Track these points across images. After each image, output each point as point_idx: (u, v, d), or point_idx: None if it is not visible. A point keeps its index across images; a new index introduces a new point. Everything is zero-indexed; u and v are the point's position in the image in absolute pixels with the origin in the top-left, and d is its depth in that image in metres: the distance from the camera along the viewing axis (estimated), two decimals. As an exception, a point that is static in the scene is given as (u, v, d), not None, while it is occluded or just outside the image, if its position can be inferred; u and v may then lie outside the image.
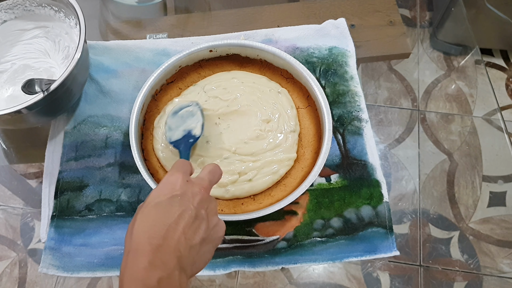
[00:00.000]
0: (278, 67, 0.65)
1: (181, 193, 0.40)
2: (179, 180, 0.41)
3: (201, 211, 0.40)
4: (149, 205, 0.39)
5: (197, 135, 0.57)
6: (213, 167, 0.46)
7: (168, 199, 0.39)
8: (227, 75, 0.64)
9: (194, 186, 0.41)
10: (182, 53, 0.62)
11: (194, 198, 0.40)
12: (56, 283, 1.05)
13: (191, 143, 0.56)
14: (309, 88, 0.62)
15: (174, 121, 0.58)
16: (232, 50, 0.65)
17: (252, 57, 0.65)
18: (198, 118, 0.58)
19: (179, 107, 0.59)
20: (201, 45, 0.63)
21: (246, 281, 1.03)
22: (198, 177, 0.43)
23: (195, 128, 0.57)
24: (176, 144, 0.56)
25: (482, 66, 1.17)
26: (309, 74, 0.61)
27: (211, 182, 0.44)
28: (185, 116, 0.58)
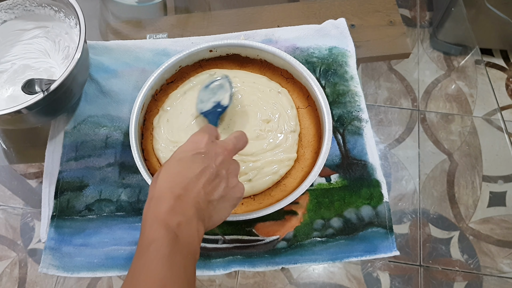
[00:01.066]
0: (278, 67, 0.65)
1: (205, 152, 0.42)
2: (205, 139, 0.43)
3: (222, 170, 0.42)
4: (173, 159, 0.42)
5: (225, 105, 0.58)
6: (239, 134, 0.47)
7: (192, 155, 0.42)
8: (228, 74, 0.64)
9: (217, 147, 0.44)
10: (182, 53, 0.62)
11: (216, 157, 0.42)
12: (56, 283, 1.05)
13: (219, 112, 0.58)
14: (309, 88, 0.62)
15: (206, 94, 0.60)
16: (232, 50, 0.65)
17: (252, 57, 0.65)
18: (227, 89, 0.59)
19: (210, 81, 0.60)
20: (201, 45, 0.63)
21: (246, 281, 1.03)
22: (223, 140, 0.45)
23: (223, 99, 0.58)
24: (206, 114, 0.58)
25: (482, 66, 1.17)
26: (309, 74, 0.61)
27: (235, 146, 0.46)
28: (215, 89, 0.59)
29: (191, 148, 0.43)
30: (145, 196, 0.59)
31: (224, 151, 0.44)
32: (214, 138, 0.46)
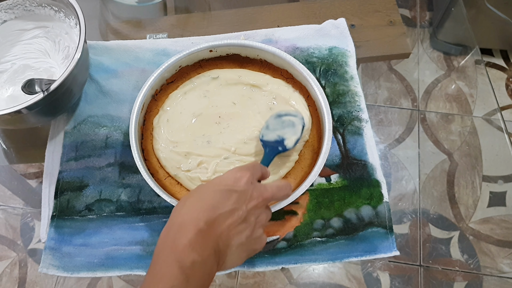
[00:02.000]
0: (278, 67, 0.65)
1: (241, 191, 0.40)
2: (245, 178, 0.41)
3: (251, 217, 0.40)
4: (208, 189, 0.41)
5: (288, 147, 0.55)
6: (283, 184, 0.45)
7: (227, 190, 0.40)
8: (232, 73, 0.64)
9: (255, 190, 0.42)
10: (182, 53, 0.62)
11: (250, 201, 0.41)
12: (56, 283, 1.05)
13: (278, 151, 0.55)
14: (309, 88, 0.62)
15: (275, 122, 0.57)
16: (232, 50, 0.65)
17: (252, 57, 0.65)
18: (296, 131, 0.56)
19: (286, 112, 0.58)
20: (201, 45, 0.63)
21: (246, 281, 1.03)
22: (264, 185, 0.43)
23: (289, 139, 0.56)
24: (265, 144, 0.56)
25: (482, 66, 1.17)
26: (309, 74, 0.61)
27: (273, 195, 0.43)
28: (286, 123, 0.57)
29: (229, 182, 0.41)
30: (145, 196, 0.59)
31: (259, 197, 0.42)
32: (256, 178, 0.43)
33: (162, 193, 0.54)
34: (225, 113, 0.61)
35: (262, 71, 0.65)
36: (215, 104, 0.62)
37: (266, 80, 0.64)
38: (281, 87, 0.63)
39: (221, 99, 0.63)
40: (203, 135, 0.60)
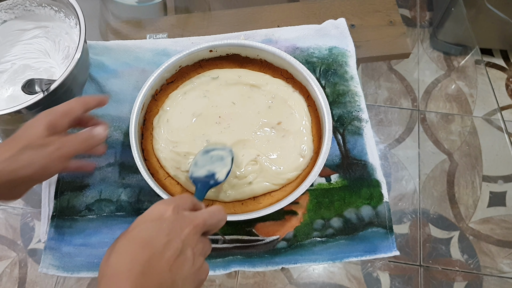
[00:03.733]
0: (278, 67, 0.65)
1: (169, 222, 0.37)
2: (169, 209, 0.37)
3: (187, 248, 0.36)
4: (134, 229, 0.36)
5: (219, 181, 0.54)
6: (215, 209, 0.41)
7: (155, 225, 0.36)
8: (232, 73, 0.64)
9: (184, 218, 0.38)
10: (182, 53, 0.62)
11: (182, 230, 0.37)
12: (56, 283, 1.05)
13: (210, 185, 0.53)
14: (309, 88, 0.62)
15: (203, 159, 0.56)
16: (232, 50, 0.65)
17: (252, 57, 0.65)
18: (226, 164, 0.55)
19: (213, 147, 0.57)
20: (201, 45, 0.63)
21: (246, 281, 1.03)
22: (192, 214, 0.39)
23: (219, 172, 0.54)
24: (195, 180, 0.54)
25: (482, 66, 1.17)
26: (309, 74, 0.61)
27: (206, 222, 0.39)
28: (214, 158, 0.56)
29: (155, 216, 0.37)
30: (145, 196, 0.59)
31: (190, 225, 0.37)
32: (181, 209, 0.39)
33: (162, 193, 0.54)
34: (225, 113, 0.61)
35: (262, 71, 0.65)
36: (215, 104, 0.62)
37: (265, 80, 0.64)
38: (281, 87, 0.63)
39: (221, 99, 0.63)
40: (203, 135, 0.60)
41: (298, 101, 0.62)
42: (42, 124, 0.43)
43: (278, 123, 0.61)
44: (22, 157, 0.41)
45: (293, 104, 0.62)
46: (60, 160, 0.44)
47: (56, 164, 0.43)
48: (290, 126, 0.61)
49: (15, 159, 0.41)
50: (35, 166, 0.42)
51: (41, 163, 0.42)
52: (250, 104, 0.62)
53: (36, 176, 0.43)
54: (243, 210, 0.57)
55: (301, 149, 0.59)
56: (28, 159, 0.41)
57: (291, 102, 0.62)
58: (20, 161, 0.41)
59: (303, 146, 0.59)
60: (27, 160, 0.41)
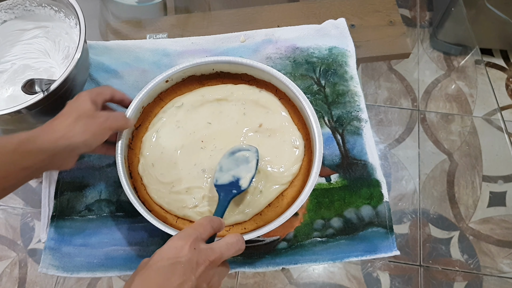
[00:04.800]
0: (237, 73, 0.63)
1: (185, 261, 0.38)
2: (187, 246, 0.39)
3: (202, 284, 0.38)
4: (149, 268, 0.38)
5: (243, 188, 0.53)
6: (234, 241, 0.43)
7: (170, 264, 0.38)
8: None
9: (200, 255, 0.39)
10: (141, 93, 0.58)
11: (198, 268, 0.38)
12: (56, 283, 1.05)
13: (233, 194, 0.52)
14: (275, 82, 0.61)
15: (228, 162, 0.55)
16: (187, 73, 0.61)
17: (207, 73, 0.63)
18: (250, 169, 0.54)
19: (238, 148, 0.56)
20: (156, 79, 0.59)
21: (246, 281, 1.03)
22: (210, 247, 0.41)
23: (243, 178, 0.53)
24: (220, 189, 0.53)
25: (482, 66, 1.17)
26: (268, 68, 0.59)
27: (222, 255, 0.41)
28: (239, 160, 0.55)
29: (171, 255, 0.38)
30: (145, 196, 0.59)
31: (206, 261, 0.39)
32: (198, 242, 0.40)
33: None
34: (206, 135, 0.60)
35: (222, 83, 0.64)
36: (191, 131, 0.60)
37: (229, 90, 0.62)
38: (246, 91, 0.62)
39: (195, 124, 0.60)
40: (195, 165, 0.58)
41: (269, 98, 0.61)
42: (88, 100, 0.50)
43: (260, 126, 0.60)
44: (78, 124, 0.47)
45: (264, 102, 0.61)
46: (105, 130, 0.50)
47: (103, 133, 0.49)
48: (271, 124, 0.60)
49: (73, 126, 0.47)
50: (88, 133, 0.48)
51: (93, 130, 0.48)
52: (225, 118, 0.61)
53: (88, 142, 0.48)
54: (264, 220, 0.56)
55: (292, 141, 0.59)
56: (83, 126, 0.47)
57: (262, 102, 0.61)
58: (77, 128, 0.47)
59: (292, 138, 0.59)
60: (82, 127, 0.47)
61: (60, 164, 0.48)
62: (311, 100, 0.64)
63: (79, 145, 0.47)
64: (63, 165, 0.49)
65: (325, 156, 0.61)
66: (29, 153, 0.44)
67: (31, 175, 0.46)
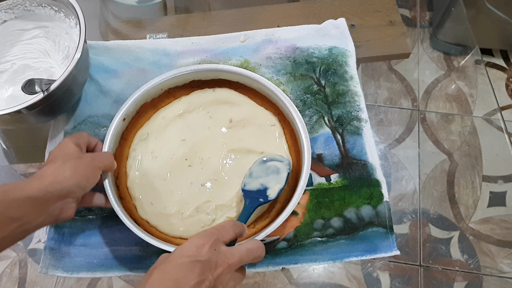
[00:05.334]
0: (177, 86, 0.63)
1: (205, 260, 0.39)
2: (207, 245, 0.40)
3: (219, 286, 0.39)
4: (169, 263, 0.39)
5: (270, 198, 0.53)
6: (255, 247, 0.43)
7: (190, 261, 0.38)
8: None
9: (220, 257, 0.40)
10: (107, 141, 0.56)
11: (216, 269, 0.39)
12: (56, 283, 1.05)
13: (259, 203, 0.52)
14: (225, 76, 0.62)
15: (258, 169, 0.55)
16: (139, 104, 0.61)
17: (156, 95, 0.63)
18: (280, 180, 0.54)
19: (271, 157, 0.56)
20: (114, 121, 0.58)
21: (246, 281, 1.03)
22: (230, 250, 0.41)
23: (271, 189, 0.53)
24: (246, 194, 0.53)
25: (482, 66, 1.17)
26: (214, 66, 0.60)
27: (241, 260, 0.41)
28: (270, 170, 0.55)
29: (191, 253, 0.39)
30: (145, 196, 0.59)
31: (224, 264, 0.39)
32: (220, 244, 0.41)
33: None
34: (187, 153, 0.59)
35: (175, 98, 0.63)
36: (171, 155, 0.59)
37: (184, 102, 0.62)
38: (202, 96, 0.62)
39: (170, 147, 0.59)
40: (192, 184, 0.57)
41: (226, 93, 0.62)
42: (71, 143, 0.50)
43: (230, 121, 0.61)
44: (66, 167, 0.46)
45: (224, 98, 0.62)
46: (95, 170, 0.48)
47: (93, 173, 0.48)
48: (240, 115, 0.60)
49: (62, 169, 0.45)
50: (78, 175, 0.46)
51: (83, 171, 0.47)
52: (195, 129, 0.60)
53: (81, 184, 0.46)
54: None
55: (267, 122, 0.60)
56: (72, 168, 0.46)
57: (221, 99, 0.62)
58: (66, 170, 0.45)
59: (264, 118, 0.60)
60: (72, 169, 0.46)
61: (57, 214, 0.45)
62: (311, 100, 0.64)
63: (72, 188, 0.45)
64: (62, 215, 0.46)
65: (325, 156, 0.61)
66: (16, 202, 0.41)
67: (22, 228, 0.42)
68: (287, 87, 0.65)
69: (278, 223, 0.52)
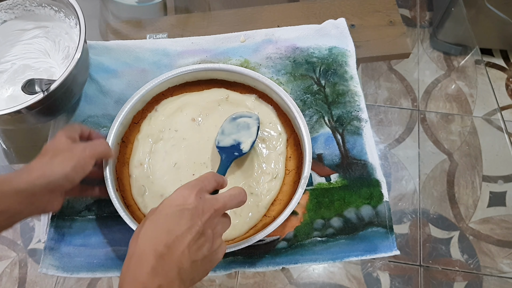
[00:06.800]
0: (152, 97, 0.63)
1: (192, 207, 0.40)
2: (193, 194, 0.41)
3: (207, 229, 0.41)
4: (159, 213, 0.40)
5: (244, 151, 0.55)
6: (236, 192, 0.45)
7: (178, 210, 0.40)
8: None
9: (206, 203, 0.41)
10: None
11: (203, 215, 0.40)
12: (56, 283, 1.05)
13: (234, 156, 0.55)
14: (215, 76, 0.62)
15: (229, 126, 0.57)
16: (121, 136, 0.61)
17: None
18: (251, 134, 0.57)
19: (240, 114, 0.58)
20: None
21: (246, 281, 1.03)
22: (214, 197, 0.43)
23: (244, 143, 0.56)
24: (221, 150, 0.56)
25: (482, 66, 1.17)
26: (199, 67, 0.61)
27: (226, 205, 0.43)
28: (240, 126, 0.57)
29: (179, 202, 0.41)
30: (145, 196, 0.59)
31: (211, 209, 0.41)
32: (204, 192, 0.43)
33: None
34: (183, 160, 0.59)
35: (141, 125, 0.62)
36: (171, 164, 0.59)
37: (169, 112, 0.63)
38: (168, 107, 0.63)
39: (161, 164, 0.59)
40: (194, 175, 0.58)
41: (216, 92, 0.63)
42: (63, 136, 0.50)
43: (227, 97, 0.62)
44: (55, 160, 0.46)
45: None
46: (86, 160, 0.48)
47: (83, 164, 0.48)
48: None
49: (50, 163, 0.46)
50: (67, 166, 0.46)
51: (72, 163, 0.47)
52: (190, 135, 0.61)
53: (69, 177, 0.46)
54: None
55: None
56: (61, 160, 0.46)
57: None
58: (54, 164, 0.46)
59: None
60: (60, 162, 0.46)
61: (44, 207, 0.46)
62: (311, 100, 0.64)
63: (60, 181, 0.46)
64: (48, 207, 0.47)
65: (325, 156, 0.61)
66: (3, 195, 0.42)
67: (9, 220, 0.44)
68: (287, 87, 0.65)
69: (278, 223, 0.52)
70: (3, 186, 0.42)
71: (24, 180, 0.44)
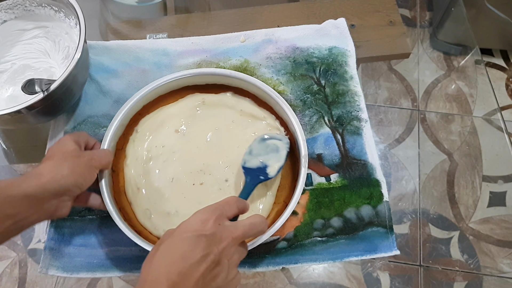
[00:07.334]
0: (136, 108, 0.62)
1: (209, 234, 0.39)
2: (211, 220, 0.40)
3: (224, 259, 0.39)
4: (175, 238, 0.39)
5: (270, 176, 0.54)
6: (257, 222, 0.43)
7: (195, 236, 0.39)
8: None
9: (224, 231, 0.40)
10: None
11: (220, 243, 0.39)
12: (56, 283, 1.05)
13: (260, 180, 0.53)
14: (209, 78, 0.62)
15: (258, 147, 0.56)
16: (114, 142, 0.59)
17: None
18: (280, 158, 0.55)
19: (271, 135, 0.57)
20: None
21: (246, 281, 1.03)
22: (234, 224, 0.42)
23: (271, 167, 0.54)
24: (247, 172, 0.54)
25: (482, 66, 1.17)
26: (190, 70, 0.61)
27: (245, 234, 0.42)
28: (270, 148, 0.56)
29: (196, 227, 0.39)
30: (145, 196, 0.59)
31: (228, 237, 0.40)
32: (224, 218, 0.42)
33: None
34: (179, 173, 0.58)
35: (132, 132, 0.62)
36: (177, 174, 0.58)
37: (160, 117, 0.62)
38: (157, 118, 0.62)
39: (158, 183, 0.58)
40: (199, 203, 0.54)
41: (191, 98, 0.63)
42: (71, 141, 0.49)
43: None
44: (65, 165, 0.46)
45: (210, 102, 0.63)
46: (92, 169, 0.49)
47: (90, 172, 0.48)
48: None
49: (60, 168, 0.45)
50: (76, 173, 0.46)
51: (81, 170, 0.47)
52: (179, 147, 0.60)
53: (78, 183, 0.46)
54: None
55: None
56: (70, 167, 0.46)
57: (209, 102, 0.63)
58: (64, 168, 0.45)
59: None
60: (70, 168, 0.46)
61: (53, 212, 0.45)
62: (311, 100, 0.64)
63: (69, 187, 0.45)
64: (57, 212, 0.46)
65: (325, 155, 0.61)
66: (13, 199, 0.41)
67: (18, 224, 0.42)
68: (287, 87, 0.65)
69: (280, 224, 0.52)
70: (12, 190, 0.42)
71: (34, 184, 0.43)
